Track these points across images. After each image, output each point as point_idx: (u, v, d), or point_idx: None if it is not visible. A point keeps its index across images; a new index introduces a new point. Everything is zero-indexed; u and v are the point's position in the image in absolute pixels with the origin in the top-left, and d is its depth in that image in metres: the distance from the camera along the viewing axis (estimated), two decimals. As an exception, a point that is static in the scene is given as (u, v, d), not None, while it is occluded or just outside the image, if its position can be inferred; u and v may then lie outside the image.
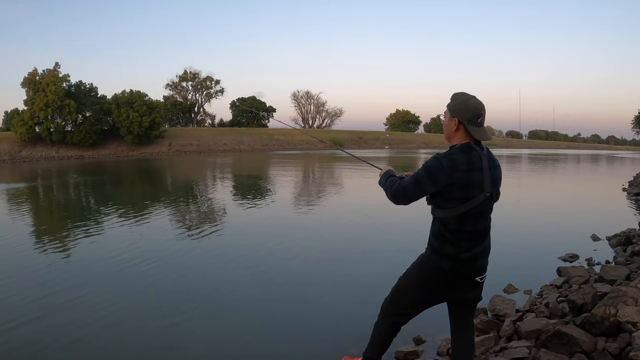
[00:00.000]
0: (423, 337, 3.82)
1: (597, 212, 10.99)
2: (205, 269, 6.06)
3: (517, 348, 3.31)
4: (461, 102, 2.45)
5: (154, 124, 47.80)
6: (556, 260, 6.22)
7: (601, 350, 3.05)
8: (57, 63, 44.90)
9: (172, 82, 70.39)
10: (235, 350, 3.80)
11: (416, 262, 2.67)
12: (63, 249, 7.32)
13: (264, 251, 6.84)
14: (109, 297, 4.96)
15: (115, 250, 6.94)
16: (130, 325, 4.24)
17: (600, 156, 49.87)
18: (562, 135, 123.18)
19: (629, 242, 6.74)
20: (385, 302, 2.80)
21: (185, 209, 11.67)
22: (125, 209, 11.43)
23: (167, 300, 4.91)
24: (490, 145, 4.38)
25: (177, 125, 68.35)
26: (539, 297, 4.68)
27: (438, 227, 2.49)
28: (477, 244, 2.46)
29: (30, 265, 6.20)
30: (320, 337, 3.98)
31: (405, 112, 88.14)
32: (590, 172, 28.08)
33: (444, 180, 2.35)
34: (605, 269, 4.95)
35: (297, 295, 5.07)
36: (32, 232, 9.02)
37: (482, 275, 2.53)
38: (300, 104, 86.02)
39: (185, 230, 8.81)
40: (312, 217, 10.18)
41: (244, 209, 11.39)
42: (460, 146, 2.42)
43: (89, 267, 6.11)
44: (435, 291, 2.58)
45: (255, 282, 5.48)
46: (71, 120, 44.38)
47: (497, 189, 2.50)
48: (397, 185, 2.57)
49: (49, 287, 5.26)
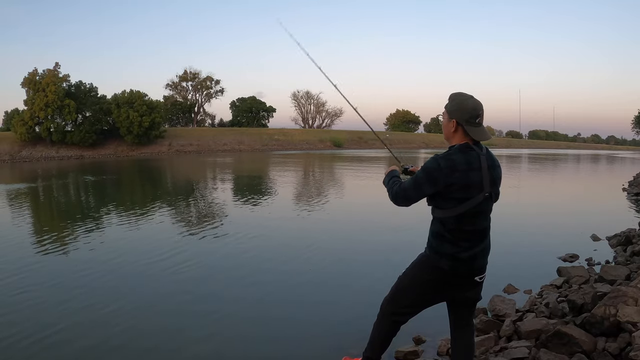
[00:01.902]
0: (423, 337, 3.81)
1: (597, 212, 10.98)
2: (205, 269, 6.05)
3: (517, 348, 3.31)
4: (458, 103, 2.44)
5: (154, 124, 47.81)
6: (556, 260, 6.22)
7: (601, 350, 3.05)
8: (57, 63, 44.98)
9: (172, 82, 70.56)
10: (235, 350, 3.80)
11: (415, 261, 2.67)
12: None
13: (264, 251, 6.84)
14: (108, 296, 4.96)
15: (109, 250, 6.94)
16: (129, 325, 4.24)
17: (600, 156, 49.88)
18: (562, 135, 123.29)
19: (629, 242, 6.74)
20: (384, 301, 2.80)
21: (186, 209, 11.67)
22: (126, 208, 11.42)
23: (167, 300, 4.90)
24: (490, 145, 4.38)
25: (177, 125, 68.35)
26: (539, 297, 4.68)
27: (437, 227, 2.49)
28: (477, 243, 2.46)
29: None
30: (320, 337, 3.97)
31: (405, 112, 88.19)
32: (590, 172, 28.09)
33: (442, 181, 2.35)
34: (605, 269, 4.95)
35: (297, 295, 5.06)
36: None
37: (482, 275, 2.53)
38: (300, 104, 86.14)
39: (185, 230, 8.81)
40: (313, 217, 10.17)
41: (244, 209, 11.38)
42: (458, 146, 2.42)
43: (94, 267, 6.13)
44: (434, 291, 2.58)
45: (255, 282, 5.48)
46: (71, 120, 44.38)
47: (496, 189, 2.49)
48: (398, 187, 2.58)
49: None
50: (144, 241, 7.73)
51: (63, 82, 44.74)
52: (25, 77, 44.55)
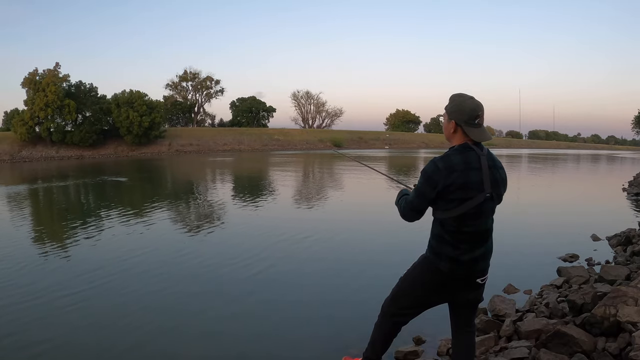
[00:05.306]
0: (423, 337, 3.82)
1: (597, 212, 10.99)
2: (205, 269, 6.05)
3: (517, 348, 3.31)
4: (458, 104, 2.44)
5: (154, 124, 47.79)
6: (556, 260, 6.22)
7: (601, 350, 3.05)
8: (57, 63, 44.94)
9: (172, 82, 70.55)
10: (235, 350, 3.80)
11: (416, 262, 2.67)
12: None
13: (264, 251, 6.84)
14: (106, 296, 4.97)
15: (103, 251, 6.95)
16: (128, 325, 4.24)
17: (600, 156, 49.86)
18: (562, 135, 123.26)
19: (629, 242, 6.74)
20: (385, 302, 2.80)
21: (186, 209, 11.68)
22: (125, 210, 11.43)
23: (167, 300, 4.91)
24: (490, 145, 4.39)
25: (177, 125, 68.34)
26: (539, 297, 4.68)
27: (437, 229, 2.49)
28: (477, 246, 2.44)
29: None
30: (320, 337, 3.97)
31: (405, 112, 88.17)
32: (590, 172, 28.08)
33: (442, 182, 2.35)
34: (605, 269, 4.96)
35: (297, 295, 5.07)
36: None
37: (484, 277, 2.52)
38: (300, 104, 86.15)
39: (184, 231, 8.81)
40: (313, 217, 10.18)
41: (244, 209, 11.38)
42: (458, 147, 2.42)
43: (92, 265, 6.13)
44: (435, 292, 2.58)
45: (255, 282, 5.48)
46: (71, 120, 44.37)
47: (498, 189, 2.47)
48: (404, 202, 2.59)
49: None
50: (140, 240, 7.73)
51: (63, 82, 44.71)
52: (25, 77, 44.54)
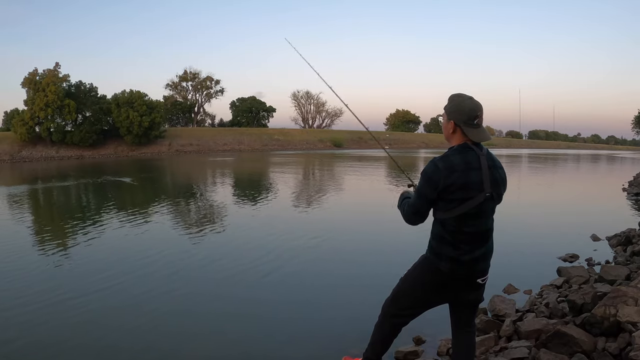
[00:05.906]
0: (423, 337, 3.82)
1: (597, 212, 10.99)
2: (205, 269, 6.05)
3: (517, 348, 3.31)
4: (456, 105, 2.44)
5: (154, 124, 47.77)
6: (556, 260, 6.22)
7: (601, 350, 3.05)
8: (57, 63, 44.90)
9: (172, 82, 70.49)
10: (235, 350, 3.80)
11: (417, 263, 2.67)
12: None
13: (264, 251, 6.84)
14: (105, 296, 4.97)
15: (99, 252, 6.94)
16: (128, 325, 4.25)
17: (600, 156, 49.86)
18: (562, 135, 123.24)
19: (629, 242, 6.74)
20: (386, 302, 2.80)
21: (190, 210, 11.67)
22: (126, 210, 11.43)
23: (167, 300, 4.91)
24: (490, 145, 4.38)
25: (177, 125, 68.31)
26: (539, 297, 4.68)
27: (437, 229, 2.48)
28: (478, 246, 2.44)
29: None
30: (320, 337, 3.98)
31: (405, 112, 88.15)
32: (590, 172, 28.09)
33: (442, 183, 2.35)
34: (605, 269, 4.96)
35: (297, 295, 5.07)
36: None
37: (484, 277, 2.52)
38: (300, 104, 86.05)
39: (184, 230, 8.81)
40: (313, 217, 10.18)
41: (244, 209, 11.39)
42: (457, 147, 2.42)
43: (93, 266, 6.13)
44: (435, 292, 2.58)
45: (255, 282, 5.48)
46: (71, 120, 44.34)
47: (498, 189, 2.46)
48: (406, 205, 2.58)
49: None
50: (140, 240, 7.72)
51: (63, 82, 44.69)
52: (26, 77, 44.51)
